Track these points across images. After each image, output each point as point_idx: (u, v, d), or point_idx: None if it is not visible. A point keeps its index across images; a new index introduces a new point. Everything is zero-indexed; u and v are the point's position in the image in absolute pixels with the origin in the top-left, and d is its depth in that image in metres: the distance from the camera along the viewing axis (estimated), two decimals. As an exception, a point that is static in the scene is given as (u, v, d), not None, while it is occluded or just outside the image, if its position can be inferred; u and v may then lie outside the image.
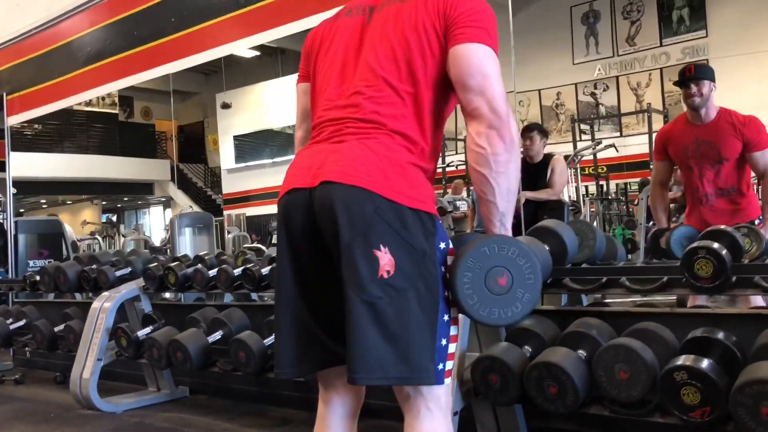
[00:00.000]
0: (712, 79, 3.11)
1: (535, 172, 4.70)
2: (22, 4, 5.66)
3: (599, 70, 15.10)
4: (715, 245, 2.02)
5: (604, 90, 15.12)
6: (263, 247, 9.86)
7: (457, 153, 13.40)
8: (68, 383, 3.67)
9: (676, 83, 3.24)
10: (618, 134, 14.05)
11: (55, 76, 5.44)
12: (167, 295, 4.23)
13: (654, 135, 10.50)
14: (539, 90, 15.71)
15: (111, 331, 3.61)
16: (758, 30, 12.62)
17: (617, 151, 10.70)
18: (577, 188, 10.02)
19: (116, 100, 19.64)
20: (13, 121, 5.77)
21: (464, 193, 10.10)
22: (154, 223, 21.46)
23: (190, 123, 21.93)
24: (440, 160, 11.18)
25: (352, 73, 1.51)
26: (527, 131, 4.64)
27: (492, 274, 1.39)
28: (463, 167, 11.41)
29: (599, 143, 10.38)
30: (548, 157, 4.82)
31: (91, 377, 3.52)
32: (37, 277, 4.38)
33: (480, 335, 2.59)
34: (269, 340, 2.98)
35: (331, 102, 1.52)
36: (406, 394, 1.42)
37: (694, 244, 2.06)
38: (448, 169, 11.85)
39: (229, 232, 11.73)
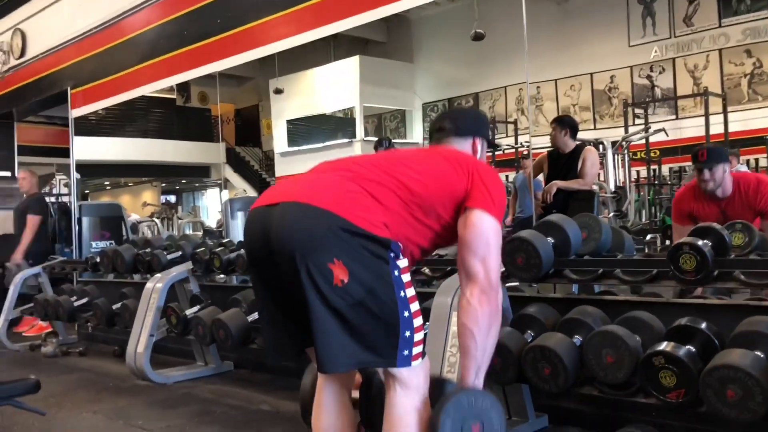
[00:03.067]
0: (726, 161, 3.21)
1: (566, 163, 4.82)
2: (84, 5, 6.07)
3: (656, 51, 14.81)
4: (700, 242, 2.18)
5: (660, 72, 14.80)
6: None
7: (507, 136, 13.43)
8: (125, 356, 4.05)
9: (693, 162, 3.35)
10: (674, 117, 13.81)
11: (114, 72, 5.85)
12: (220, 276, 4.55)
13: (710, 118, 10.35)
14: (591, 73, 15.52)
15: (162, 309, 3.96)
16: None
17: (667, 135, 10.57)
18: (626, 174, 9.95)
19: (174, 86, 20.29)
20: (76, 113, 6.21)
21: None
22: (211, 204, 22.13)
23: (246, 107, 22.47)
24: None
25: None
26: (552, 124, 4.79)
27: (468, 422, 1.65)
28: (512, 151, 11.42)
29: (648, 128, 10.29)
30: (580, 148, 4.93)
31: (144, 351, 3.87)
32: (98, 259, 4.78)
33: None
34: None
35: None
36: (384, 376, 1.71)
37: (681, 240, 2.22)
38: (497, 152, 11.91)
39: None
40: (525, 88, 15.19)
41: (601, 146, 10.86)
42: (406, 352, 1.63)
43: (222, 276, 4.42)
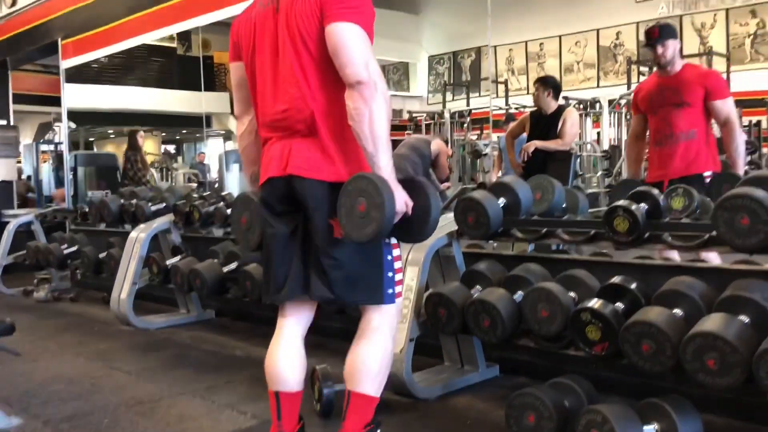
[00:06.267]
0: (675, 37, 3.35)
1: (547, 123, 4.90)
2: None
3: (662, 8, 14.63)
4: (633, 205, 2.30)
5: (668, 29, 14.69)
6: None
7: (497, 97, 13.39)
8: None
9: (644, 45, 3.51)
10: (679, 77, 13.72)
11: (105, 23, 5.89)
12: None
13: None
14: (597, 30, 15.36)
15: (145, 259, 4.12)
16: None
17: (662, 96, 10.52)
18: (622, 132, 9.95)
19: (174, 35, 20.14)
20: (66, 64, 6.28)
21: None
22: (213, 155, 22.22)
23: (249, 56, 22.32)
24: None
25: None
26: (535, 84, 4.86)
27: (355, 204, 1.79)
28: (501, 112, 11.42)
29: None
30: (561, 109, 5.00)
31: (127, 298, 4.06)
32: (87, 209, 4.94)
33: (445, 275, 2.95)
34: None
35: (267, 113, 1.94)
36: (366, 312, 1.96)
37: (615, 203, 2.34)
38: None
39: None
40: (525, 46, 15.22)
41: (597, 105, 10.87)
42: (390, 291, 1.93)
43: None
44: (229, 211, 3.92)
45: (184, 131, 22.18)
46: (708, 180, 3.15)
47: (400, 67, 19.02)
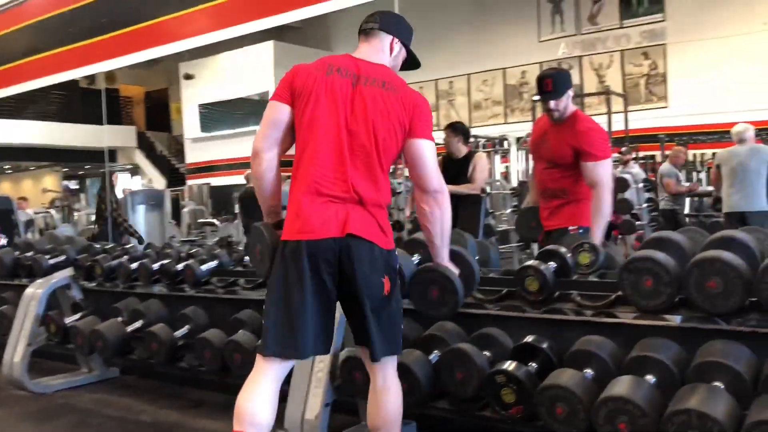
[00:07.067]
0: (570, 86, 3.14)
1: (457, 168, 5.01)
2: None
3: (564, 48, 15.35)
4: (543, 266, 2.34)
5: (568, 69, 15.39)
6: (216, 222, 10.05)
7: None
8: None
9: (537, 94, 3.26)
10: (579, 113, 14.38)
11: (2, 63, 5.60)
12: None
13: (612, 116, 10.84)
14: (504, 69, 15.96)
15: (42, 317, 3.86)
16: (714, 16, 12.89)
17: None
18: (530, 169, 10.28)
19: (78, 68, 19.45)
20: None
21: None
22: (119, 190, 21.46)
23: (156, 89, 21.79)
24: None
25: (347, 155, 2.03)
26: (445, 130, 4.97)
27: (428, 291, 2.32)
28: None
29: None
30: (471, 154, 5.15)
31: (21, 362, 3.78)
32: (-25, 262, 4.59)
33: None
34: (181, 332, 3.30)
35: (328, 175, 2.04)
36: (387, 363, 2.09)
37: (527, 263, 2.38)
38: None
39: (184, 206, 11.89)
40: (435, 84, 15.59)
41: (505, 142, 11.23)
42: (400, 341, 2.12)
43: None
44: (133, 266, 3.75)
45: (87, 166, 21.34)
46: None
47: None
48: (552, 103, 3.10)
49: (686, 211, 8.69)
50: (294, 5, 3.68)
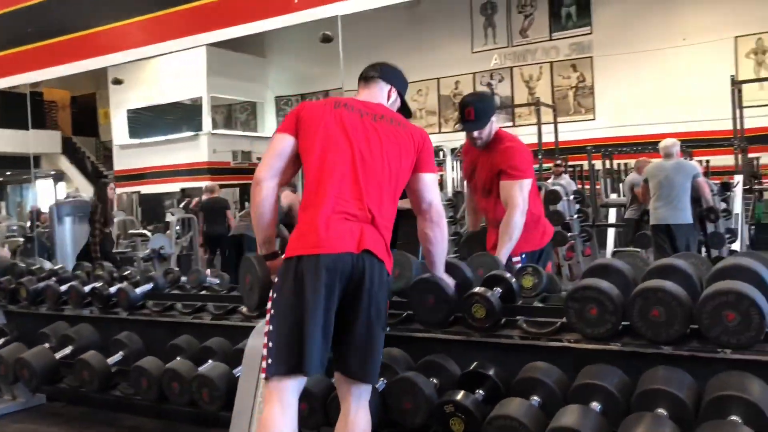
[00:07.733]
0: (493, 112, 3.07)
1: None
2: None
3: (496, 59, 15.65)
4: (489, 293, 2.35)
5: (500, 81, 15.69)
6: (148, 233, 9.75)
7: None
8: None
9: (459, 122, 3.13)
10: (511, 124, 14.71)
11: None
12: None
13: (542, 127, 11.07)
14: (438, 78, 16.15)
15: (-39, 343, 3.64)
16: (638, 30, 13.39)
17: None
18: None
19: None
20: None
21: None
22: (42, 197, 20.56)
23: (83, 94, 21.04)
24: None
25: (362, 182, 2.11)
26: None
27: (425, 299, 2.48)
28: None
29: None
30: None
31: (-63, 391, 3.55)
32: None
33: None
34: (115, 358, 3.16)
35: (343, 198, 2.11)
36: (362, 388, 2.11)
37: (472, 290, 2.39)
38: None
39: (114, 217, 11.46)
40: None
41: (441, 152, 11.33)
42: (378, 373, 2.16)
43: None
44: (63, 288, 3.57)
45: (9, 173, 20.37)
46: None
47: (248, 106, 18.83)
48: (475, 133, 3.05)
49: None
50: (230, 23, 3.60)
